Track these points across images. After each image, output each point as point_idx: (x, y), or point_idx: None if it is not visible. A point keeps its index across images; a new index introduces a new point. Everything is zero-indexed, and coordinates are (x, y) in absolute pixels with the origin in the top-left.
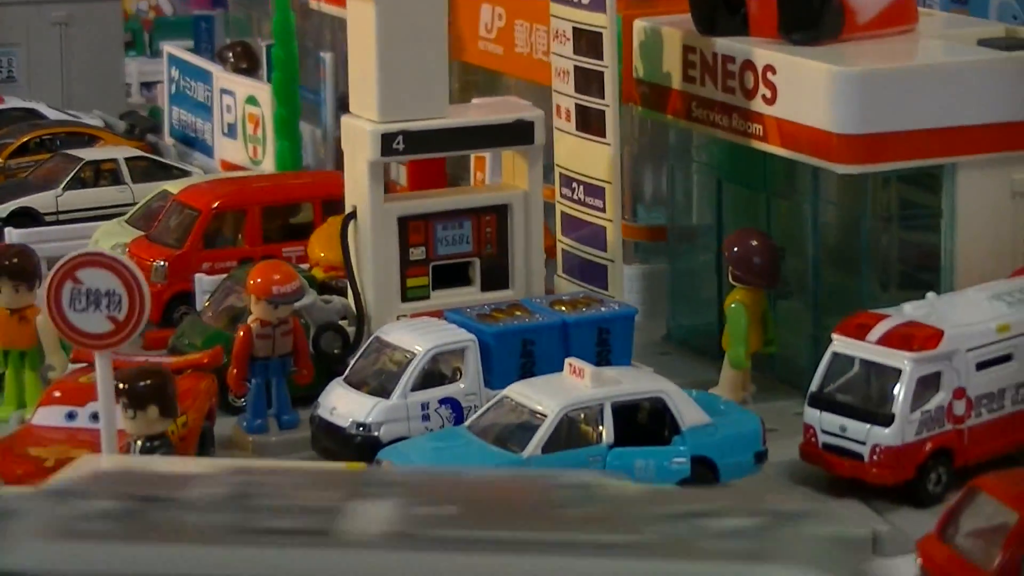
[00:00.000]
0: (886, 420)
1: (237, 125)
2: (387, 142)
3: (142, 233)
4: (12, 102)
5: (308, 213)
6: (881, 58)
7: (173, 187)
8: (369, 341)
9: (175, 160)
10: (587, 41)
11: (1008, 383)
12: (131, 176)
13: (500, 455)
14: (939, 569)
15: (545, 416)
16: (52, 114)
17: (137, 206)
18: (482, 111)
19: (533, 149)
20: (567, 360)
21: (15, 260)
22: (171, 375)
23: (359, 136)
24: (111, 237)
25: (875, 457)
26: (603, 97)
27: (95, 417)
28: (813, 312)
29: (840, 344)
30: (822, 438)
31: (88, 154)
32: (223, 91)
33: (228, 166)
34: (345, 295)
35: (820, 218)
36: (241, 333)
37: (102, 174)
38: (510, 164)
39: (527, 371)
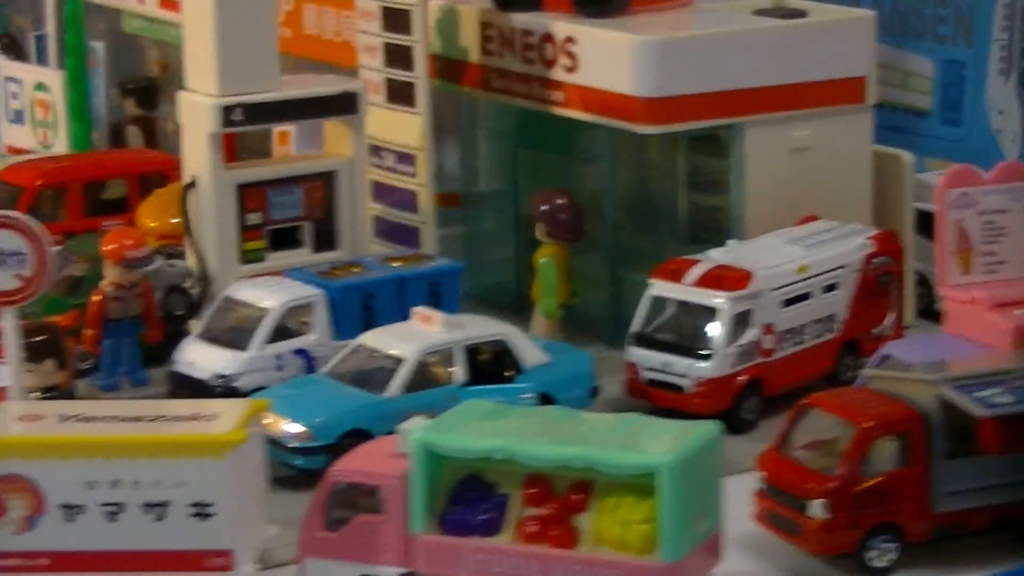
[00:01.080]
0: (705, 355)
1: (25, 111)
2: (227, 114)
3: None
4: None
5: (122, 188)
6: (673, 28)
7: None
8: (219, 300)
9: None
10: (396, 19)
11: (807, 319)
12: None
13: (362, 396)
14: (782, 478)
15: (403, 359)
16: None
17: None
18: (308, 84)
19: (357, 118)
20: (415, 309)
21: None
22: (63, 331)
23: (198, 110)
24: None
25: (697, 389)
26: (412, 70)
27: None
28: (610, 266)
29: (658, 287)
30: (646, 374)
31: None
32: (8, 79)
33: (15, 151)
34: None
35: (617, 178)
36: (97, 296)
37: None
38: (333, 134)
39: (368, 322)
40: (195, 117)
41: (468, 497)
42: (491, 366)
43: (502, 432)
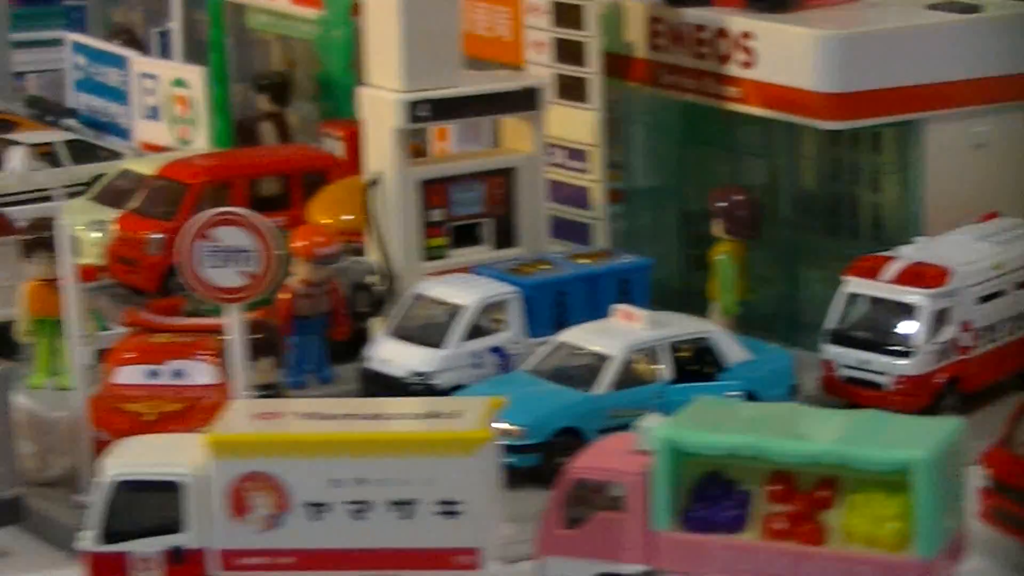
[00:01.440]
0: (906, 352)
1: (161, 108)
2: (413, 110)
3: (111, 209)
4: None
5: (280, 185)
6: (852, 23)
7: (137, 165)
8: (409, 297)
9: (104, 142)
10: (568, 14)
11: (1002, 316)
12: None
13: (571, 394)
14: (1011, 475)
15: (610, 357)
16: None
17: (100, 184)
18: (488, 79)
19: (537, 114)
20: (615, 306)
21: (52, 233)
22: (279, 330)
23: (382, 106)
24: (83, 214)
25: (897, 387)
26: (585, 65)
27: (177, 374)
28: (784, 263)
29: (854, 284)
30: (843, 372)
31: (26, 138)
32: (143, 75)
33: (151, 148)
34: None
35: (791, 175)
36: (286, 294)
37: (39, 157)
38: (510, 130)
39: (560, 319)
40: (378, 113)
41: (710, 494)
42: (693, 364)
43: (745, 429)
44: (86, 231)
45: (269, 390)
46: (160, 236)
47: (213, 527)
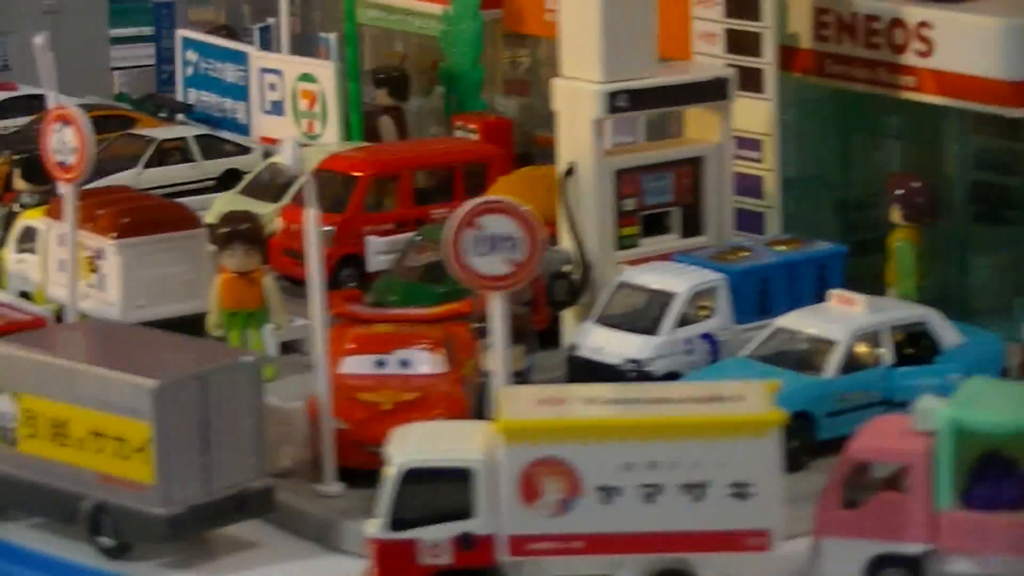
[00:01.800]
0: None
1: (285, 102)
2: (612, 100)
3: (260, 203)
4: (25, 90)
5: (440, 177)
6: None
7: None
8: (614, 285)
9: (231, 137)
10: (742, 5)
11: None
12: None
13: (801, 378)
14: None
15: (835, 341)
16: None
17: (248, 177)
18: (679, 70)
19: (725, 104)
20: (832, 291)
21: (248, 226)
22: (528, 317)
23: (579, 96)
24: (234, 207)
25: None
26: (760, 56)
27: (404, 363)
28: (957, 249)
29: None
30: None
31: (159, 133)
32: (264, 70)
33: (271, 142)
34: None
35: (963, 162)
36: None
37: (170, 152)
38: (693, 121)
39: (764, 307)
40: (575, 104)
41: (991, 473)
42: (910, 347)
43: None
44: None
45: (519, 377)
46: (330, 228)
47: (502, 513)
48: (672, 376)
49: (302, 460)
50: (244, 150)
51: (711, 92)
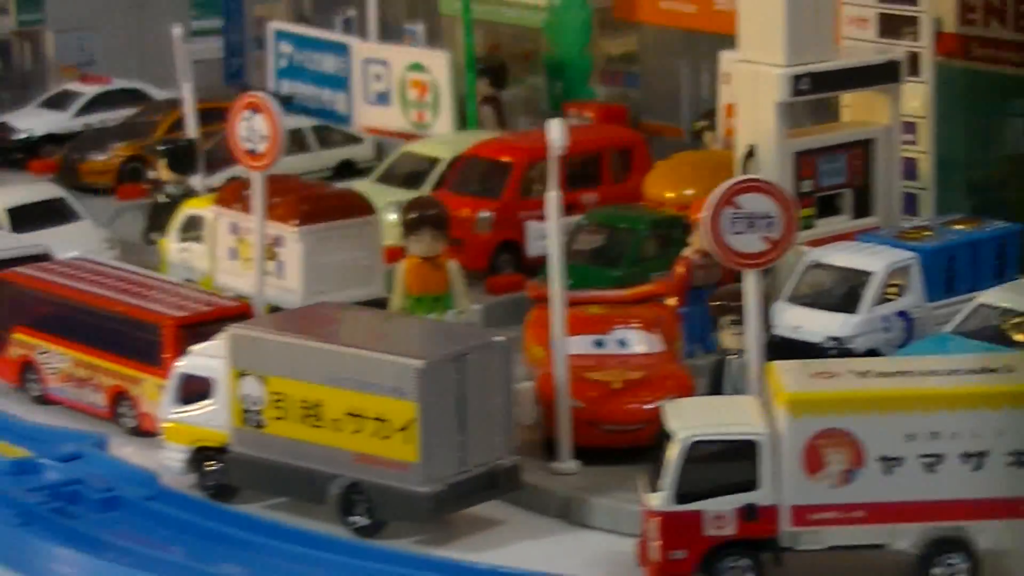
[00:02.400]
0: None
1: (392, 92)
2: (796, 84)
3: (396, 190)
4: (118, 83)
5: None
6: None
7: (418, 148)
8: (804, 264)
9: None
10: None
11: None
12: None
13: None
14: None
15: None
16: (156, 92)
17: (382, 166)
18: (849, 54)
19: (896, 87)
20: None
21: (436, 211)
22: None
23: (760, 80)
24: (373, 196)
25: None
26: (916, 40)
27: (621, 343)
28: None
29: None
30: None
31: None
32: (369, 61)
33: (375, 132)
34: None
35: None
36: (683, 265)
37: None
38: (860, 104)
39: (950, 284)
40: (756, 87)
41: None
42: None
43: None
44: (383, 213)
45: (734, 354)
46: (488, 214)
47: (785, 484)
48: (872, 353)
49: (532, 440)
50: (355, 140)
51: (885, 75)
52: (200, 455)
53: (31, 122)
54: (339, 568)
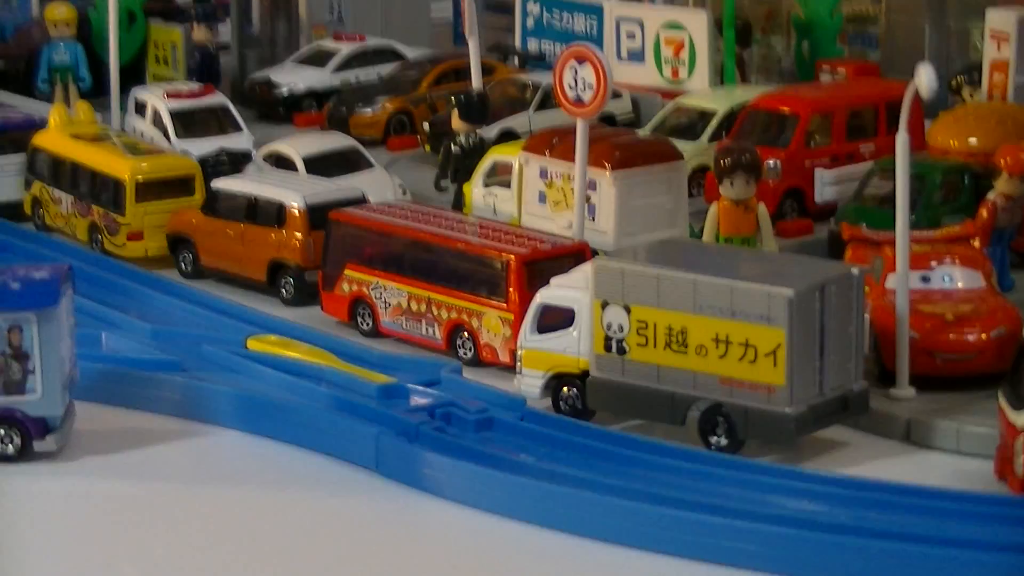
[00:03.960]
0: None
1: (646, 50)
2: None
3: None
4: (371, 42)
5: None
6: None
7: (692, 100)
8: None
9: None
10: None
11: None
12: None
13: None
14: None
15: None
16: (407, 51)
17: (655, 119)
18: None
19: None
20: None
21: (750, 157)
22: None
23: None
24: None
25: None
26: None
27: (947, 279)
28: None
29: None
30: None
31: (541, 79)
32: (621, 19)
33: (633, 88)
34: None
35: None
36: (988, 207)
37: (550, 97)
38: None
39: None
40: None
41: None
42: None
43: None
44: None
45: None
46: (776, 163)
47: None
48: None
49: (866, 369)
50: (615, 95)
51: None
52: (556, 381)
53: (291, 78)
54: (702, 476)
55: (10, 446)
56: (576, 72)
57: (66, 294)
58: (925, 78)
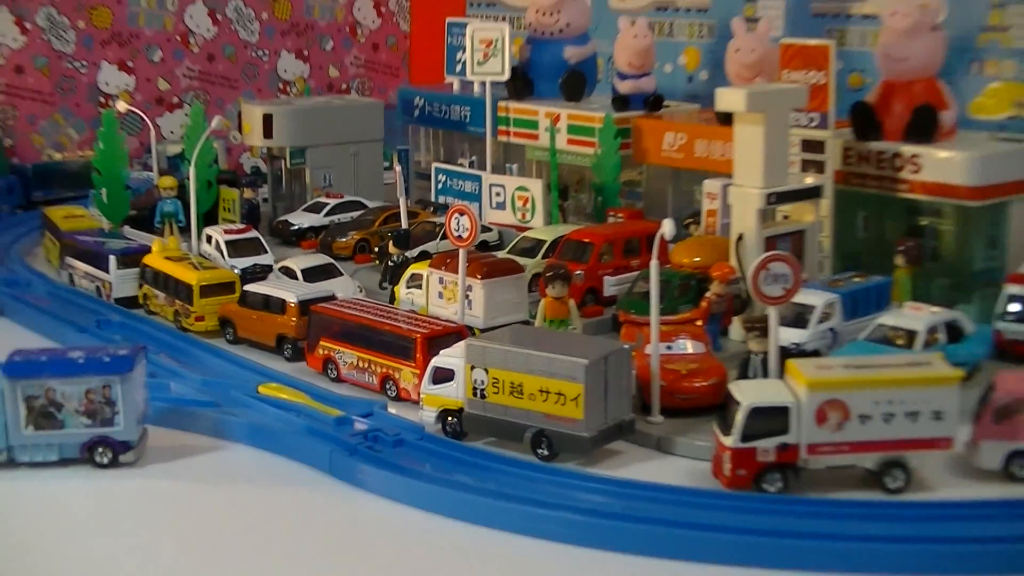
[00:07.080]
0: None
1: (506, 202)
2: (768, 198)
3: (521, 258)
4: (348, 197)
5: None
6: (973, 147)
7: (532, 233)
8: None
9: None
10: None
11: None
12: None
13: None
14: None
15: (917, 331)
16: (370, 203)
17: (510, 244)
18: (791, 180)
19: (817, 200)
20: (907, 303)
21: (563, 269)
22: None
23: (749, 196)
24: None
25: None
26: (822, 172)
27: (681, 347)
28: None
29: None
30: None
31: (443, 222)
32: (492, 184)
33: (499, 225)
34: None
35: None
36: (706, 301)
37: None
38: (798, 209)
39: (854, 312)
40: (745, 200)
41: None
42: (951, 333)
43: None
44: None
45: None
46: (581, 273)
47: (803, 431)
48: (815, 353)
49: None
50: (488, 230)
51: (812, 194)
52: (445, 414)
53: (300, 219)
54: (532, 478)
55: (105, 458)
56: (459, 220)
57: (140, 363)
58: (667, 228)
